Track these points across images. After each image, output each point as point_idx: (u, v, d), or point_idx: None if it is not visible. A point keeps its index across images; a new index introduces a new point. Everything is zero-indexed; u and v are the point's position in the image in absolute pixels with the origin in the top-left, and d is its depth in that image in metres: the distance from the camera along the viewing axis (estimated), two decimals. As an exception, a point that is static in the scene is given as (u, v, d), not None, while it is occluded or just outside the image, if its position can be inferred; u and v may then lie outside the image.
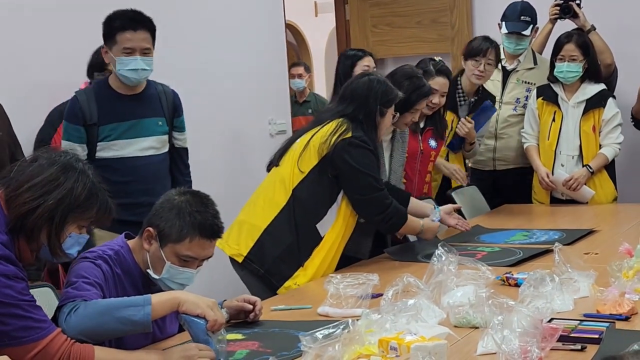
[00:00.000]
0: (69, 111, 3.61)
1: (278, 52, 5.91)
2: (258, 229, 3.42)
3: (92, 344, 2.26)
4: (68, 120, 3.60)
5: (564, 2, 5.24)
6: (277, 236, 3.40)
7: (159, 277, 2.47)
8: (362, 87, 3.53)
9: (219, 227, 2.50)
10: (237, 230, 3.50)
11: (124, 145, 3.64)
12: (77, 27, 4.28)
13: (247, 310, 2.67)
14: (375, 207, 3.48)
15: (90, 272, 2.40)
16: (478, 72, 4.68)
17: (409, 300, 2.38)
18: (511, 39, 5.02)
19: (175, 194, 2.54)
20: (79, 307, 2.23)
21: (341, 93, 3.65)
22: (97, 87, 3.67)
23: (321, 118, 3.61)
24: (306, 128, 3.63)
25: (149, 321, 2.24)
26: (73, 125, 3.59)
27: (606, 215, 4.60)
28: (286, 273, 3.38)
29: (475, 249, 3.70)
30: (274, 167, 3.55)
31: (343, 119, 3.46)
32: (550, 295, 2.55)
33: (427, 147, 4.39)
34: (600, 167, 4.78)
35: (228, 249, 3.47)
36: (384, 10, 6.64)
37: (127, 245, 2.54)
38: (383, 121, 3.56)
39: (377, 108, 3.51)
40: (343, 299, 2.73)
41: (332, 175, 3.42)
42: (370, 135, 3.48)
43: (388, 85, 3.58)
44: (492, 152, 5.12)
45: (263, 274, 3.38)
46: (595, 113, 4.78)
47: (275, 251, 3.39)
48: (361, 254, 3.78)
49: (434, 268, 2.71)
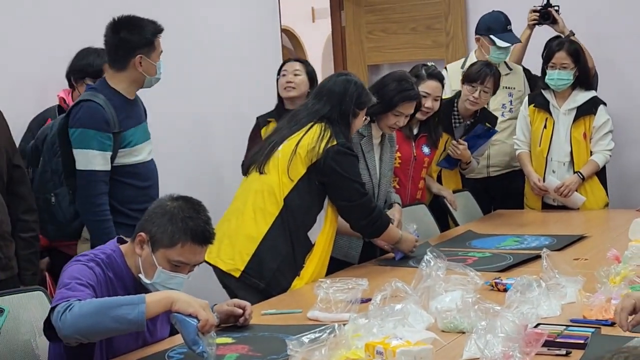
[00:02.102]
0: (96, 119, 3.39)
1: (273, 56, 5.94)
2: (253, 241, 3.39)
3: (86, 342, 2.30)
4: (97, 129, 3.39)
5: (542, 8, 5.31)
6: (273, 248, 3.38)
7: (151, 282, 2.50)
8: (340, 87, 3.54)
9: (210, 233, 2.53)
10: (228, 243, 3.43)
11: (141, 150, 3.60)
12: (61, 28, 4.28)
13: (237, 315, 2.70)
14: (362, 212, 3.51)
15: (84, 274, 2.44)
16: (472, 99, 4.66)
17: (397, 305, 2.41)
18: (503, 50, 5.05)
19: (167, 200, 2.57)
20: (74, 306, 2.26)
21: (318, 90, 3.65)
22: (106, 93, 3.48)
23: (299, 118, 3.55)
24: (285, 129, 3.55)
25: (144, 319, 2.27)
26: (104, 134, 3.40)
27: (597, 221, 4.63)
28: (285, 284, 3.37)
29: (467, 255, 3.74)
30: (257, 174, 3.48)
31: (325, 124, 3.46)
32: (536, 300, 2.58)
33: (421, 154, 4.42)
34: (591, 174, 4.83)
35: (223, 265, 3.41)
36: (379, 16, 6.68)
37: (120, 249, 2.57)
38: (354, 122, 3.57)
39: (351, 109, 3.52)
40: (333, 304, 2.75)
41: (319, 182, 3.43)
42: (345, 136, 3.50)
43: (364, 89, 3.62)
44: (486, 160, 5.15)
45: (264, 288, 3.35)
46: (586, 120, 4.82)
47: (274, 263, 3.37)
48: (351, 257, 3.82)
49: (423, 273, 2.74)
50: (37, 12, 4.21)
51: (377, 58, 6.73)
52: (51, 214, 3.58)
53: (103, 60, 3.81)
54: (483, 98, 4.68)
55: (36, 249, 3.52)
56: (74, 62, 3.99)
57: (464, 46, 6.39)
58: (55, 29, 4.24)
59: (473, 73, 4.65)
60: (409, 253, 3.72)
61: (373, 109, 3.75)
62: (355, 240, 3.85)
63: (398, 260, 3.71)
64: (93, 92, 3.48)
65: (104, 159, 3.43)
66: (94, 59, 3.94)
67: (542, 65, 4.94)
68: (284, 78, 4.68)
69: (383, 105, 3.82)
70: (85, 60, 3.94)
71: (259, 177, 3.49)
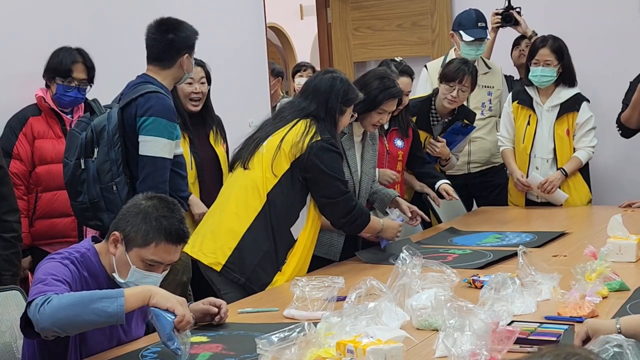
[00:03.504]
0: (168, 109, 3.57)
1: (259, 53, 5.95)
2: (235, 236, 3.40)
3: (64, 335, 2.30)
4: (169, 119, 3.56)
5: (504, 10, 5.40)
6: (255, 243, 3.40)
7: (125, 281, 2.50)
8: (325, 84, 3.54)
9: (184, 232, 2.53)
10: (210, 237, 3.46)
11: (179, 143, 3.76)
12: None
13: (212, 313, 2.70)
14: (341, 210, 3.52)
15: (59, 270, 2.44)
16: (450, 97, 4.66)
17: (370, 304, 2.42)
18: (472, 46, 5.08)
19: (142, 199, 2.57)
20: (52, 299, 2.26)
21: (304, 88, 3.65)
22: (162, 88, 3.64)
23: (284, 115, 3.57)
24: (270, 126, 3.57)
25: (123, 312, 2.27)
26: (173, 124, 3.59)
27: (579, 218, 4.64)
28: (266, 279, 3.38)
29: (447, 252, 3.75)
30: (242, 169, 3.50)
31: (310, 120, 3.47)
32: (510, 298, 2.59)
33: (394, 148, 4.43)
34: (574, 171, 4.83)
35: (205, 258, 3.43)
36: (365, 13, 6.69)
37: (94, 248, 2.57)
38: (341, 119, 3.58)
39: (338, 106, 3.52)
40: (309, 302, 2.76)
41: (302, 178, 3.44)
42: (332, 133, 3.50)
43: (350, 85, 3.61)
44: (467, 156, 5.17)
45: (244, 282, 3.37)
46: (569, 117, 4.83)
47: (255, 258, 3.38)
48: (332, 254, 3.82)
49: (399, 271, 2.75)
50: (15, 10, 4.21)
51: (364, 55, 6.74)
52: (109, 203, 3.60)
53: (74, 59, 3.94)
54: (461, 96, 4.69)
55: (17, 249, 3.52)
56: (48, 62, 4.03)
57: (449, 43, 6.38)
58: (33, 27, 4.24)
59: (451, 72, 4.65)
60: (394, 239, 3.75)
61: (356, 108, 3.76)
62: (336, 238, 3.86)
63: (384, 247, 3.75)
64: (149, 84, 3.62)
65: (171, 148, 3.60)
66: (64, 58, 3.99)
67: (525, 62, 4.95)
68: (189, 87, 4.23)
69: (367, 103, 3.83)
70: (56, 60, 4.01)
71: (243, 172, 3.50)
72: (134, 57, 4.48)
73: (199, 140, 4.24)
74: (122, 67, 4.39)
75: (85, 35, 4.40)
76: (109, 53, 4.55)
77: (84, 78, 4.04)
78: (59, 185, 3.94)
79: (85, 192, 3.61)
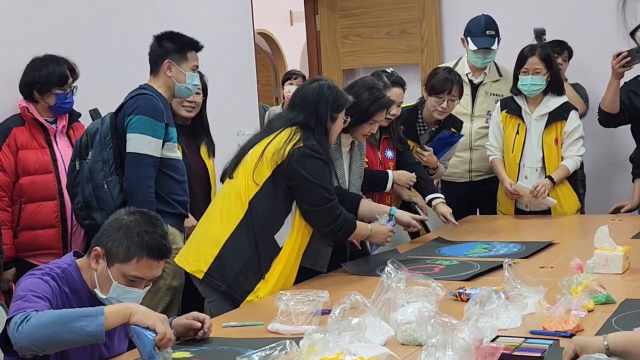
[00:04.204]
0: (154, 108, 3.71)
1: (247, 62, 5.93)
2: (217, 244, 3.41)
3: (42, 355, 2.27)
4: (155, 118, 3.70)
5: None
6: (236, 250, 3.39)
7: (106, 297, 2.49)
8: (313, 93, 3.52)
9: (167, 247, 2.52)
10: (195, 246, 3.49)
11: (177, 148, 3.90)
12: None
13: (196, 328, 2.68)
14: (325, 218, 3.49)
15: (39, 286, 2.42)
16: (441, 109, 4.64)
17: (354, 319, 2.40)
18: (479, 54, 5.07)
19: (124, 214, 2.55)
20: (31, 317, 2.24)
21: (292, 99, 3.64)
22: (155, 94, 3.80)
23: (273, 126, 3.57)
24: (258, 136, 3.59)
25: (102, 331, 2.26)
26: (160, 122, 3.72)
27: (568, 227, 4.63)
28: (248, 287, 3.37)
29: (434, 263, 3.73)
30: (228, 179, 3.53)
31: (296, 128, 3.45)
32: (495, 313, 2.57)
33: (385, 159, 4.42)
34: (562, 179, 4.82)
35: (188, 266, 3.45)
36: (354, 21, 6.68)
37: (76, 263, 2.56)
38: (334, 126, 3.56)
39: (328, 114, 3.50)
40: (293, 316, 2.74)
41: (285, 185, 3.41)
42: (322, 142, 3.48)
43: (339, 91, 3.59)
44: (467, 164, 5.16)
45: (225, 290, 3.37)
46: (558, 125, 4.82)
47: (236, 266, 3.38)
48: (319, 266, 3.80)
49: (383, 284, 2.73)
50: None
51: (353, 62, 6.73)
52: (101, 201, 3.70)
53: (65, 66, 3.97)
54: (451, 106, 4.68)
55: None
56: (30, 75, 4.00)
57: (438, 51, 6.40)
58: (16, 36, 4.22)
59: (438, 84, 4.62)
60: (384, 244, 3.74)
61: None
62: (323, 249, 3.84)
63: (374, 253, 3.73)
64: (143, 89, 3.80)
65: (157, 146, 3.72)
66: (55, 68, 3.99)
67: (514, 70, 4.94)
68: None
69: (359, 115, 3.82)
70: (45, 71, 3.99)
71: (229, 182, 3.53)
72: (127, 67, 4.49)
73: (190, 152, 4.24)
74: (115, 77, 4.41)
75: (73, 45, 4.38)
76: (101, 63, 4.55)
77: (71, 82, 4.06)
78: (43, 196, 3.93)
79: (80, 192, 3.73)
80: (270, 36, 10.20)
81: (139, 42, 4.17)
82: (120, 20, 4.84)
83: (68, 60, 4.06)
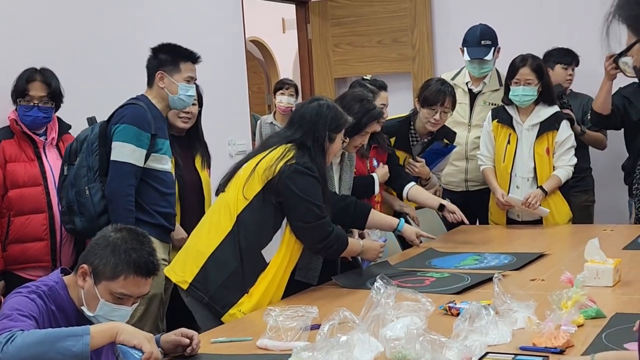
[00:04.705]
0: (140, 118, 3.74)
1: (238, 71, 5.92)
2: (203, 255, 3.40)
3: None
4: (140, 127, 3.73)
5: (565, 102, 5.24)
6: (221, 262, 3.38)
7: (93, 315, 2.47)
8: (311, 113, 3.51)
9: (154, 264, 2.50)
10: (183, 257, 3.50)
11: (167, 160, 3.91)
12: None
13: (184, 344, 2.66)
14: (316, 235, 3.47)
15: (25, 305, 2.40)
16: (434, 121, 4.65)
17: (342, 337, 2.38)
18: (474, 64, 5.09)
19: (111, 231, 2.54)
20: (17, 337, 2.22)
21: (290, 118, 3.64)
22: (146, 104, 3.84)
23: (269, 143, 3.57)
24: (254, 152, 3.61)
25: (88, 351, 2.24)
26: (145, 133, 3.75)
27: (559, 237, 4.63)
28: (230, 300, 3.34)
29: (425, 275, 3.72)
30: (221, 193, 3.53)
31: (291, 145, 3.44)
32: (485, 329, 2.56)
33: (373, 168, 4.43)
34: (554, 189, 4.82)
35: (174, 276, 3.46)
36: (345, 29, 6.68)
37: (63, 281, 2.54)
38: (332, 147, 3.55)
39: (326, 134, 3.49)
40: (282, 332, 2.72)
41: (275, 201, 3.40)
42: (317, 161, 3.46)
43: (338, 111, 3.57)
44: (463, 174, 5.16)
45: (207, 302, 3.35)
46: (549, 135, 4.82)
47: (220, 278, 3.36)
48: (311, 278, 3.79)
49: (373, 300, 2.72)
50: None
51: (344, 71, 6.74)
52: (82, 206, 3.73)
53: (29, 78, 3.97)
54: (444, 118, 4.68)
55: None
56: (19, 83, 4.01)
57: (430, 59, 6.40)
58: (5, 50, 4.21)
59: (431, 96, 4.62)
60: (375, 260, 3.74)
61: None
62: (314, 261, 3.82)
63: (366, 267, 3.76)
64: (135, 100, 3.85)
65: (140, 155, 3.74)
66: (20, 77, 3.99)
67: (505, 80, 4.94)
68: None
69: (351, 128, 3.81)
70: (16, 81, 4.01)
71: (221, 195, 3.53)
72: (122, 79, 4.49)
73: (185, 163, 4.24)
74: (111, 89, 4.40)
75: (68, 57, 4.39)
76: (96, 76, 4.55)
77: (43, 96, 3.98)
78: (32, 209, 3.92)
79: (65, 196, 3.77)
80: (263, 43, 10.18)
81: (132, 52, 4.17)
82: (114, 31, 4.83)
83: (46, 75, 4.01)
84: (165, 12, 5.29)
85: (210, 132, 5.38)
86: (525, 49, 5.06)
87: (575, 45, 5.59)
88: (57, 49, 4.42)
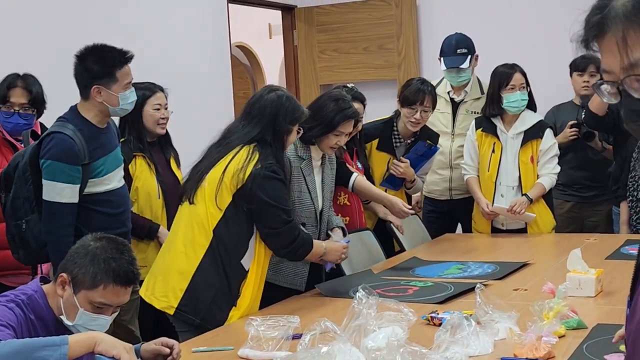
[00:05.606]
0: (66, 152, 3.44)
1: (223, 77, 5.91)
2: (185, 276, 3.32)
3: None
4: (67, 162, 3.44)
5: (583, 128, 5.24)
6: (206, 281, 3.32)
7: (73, 324, 2.45)
8: (271, 105, 3.43)
9: (134, 274, 2.48)
10: (161, 280, 3.39)
11: (112, 178, 3.64)
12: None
13: (164, 354, 2.64)
14: (283, 240, 3.43)
15: (3, 314, 2.38)
16: (414, 120, 4.64)
17: (323, 348, 2.37)
18: (452, 73, 5.08)
19: (90, 240, 2.52)
20: None
21: (248, 110, 3.48)
22: (76, 123, 3.52)
23: (229, 140, 3.44)
24: (214, 154, 3.44)
25: None
26: (73, 167, 3.46)
27: (543, 246, 4.64)
28: (221, 316, 3.30)
29: (408, 284, 3.71)
30: (187, 204, 3.40)
31: (254, 146, 3.36)
32: (466, 340, 2.55)
33: (358, 169, 4.45)
34: (538, 197, 4.83)
35: (157, 303, 3.36)
36: (331, 36, 6.69)
37: (42, 290, 2.51)
38: (289, 139, 3.50)
39: (286, 127, 3.44)
40: (264, 341, 2.71)
41: (246, 208, 3.35)
42: (278, 157, 3.41)
43: (296, 102, 3.52)
44: (447, 182, 5.16)
45: (199, 324, 3.29)
46: (534, 144, 4.83)
47: (208, 297, 3.30)
48: (297, 284, 3.78)
49: (355, 310, 2.70)
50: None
51: (330, 77, 6.74)
52: (23, 240, 3.58)
53: (10, 84, 3.91)
54: (424, 117, 4.67)
55: None
56: None
57: (415, 66, 6.41)
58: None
59: (411, 95, 4.62)
60: (338, 261, 3.72)
61: (314, 132, 3.76)
62: (300, 268, 3.81)
63: (329, 270, 3.74)
64: (63, 123, 3.51)
65: (72, 192, 3.48)
66: (2, 83, 3.95)
67: (494, 91, 4.88)
68: (157, 113, 4.22)
69: (324, 126, 3.79)
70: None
71: (189, 207, 3.41)
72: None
73: (162, 167, 4.22)
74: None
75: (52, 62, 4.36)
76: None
77: (24, 103, 3.94)
78: (10, 215, 3.86)
79: (7, 226, 3.61)
80: (249, 49, 10.16)
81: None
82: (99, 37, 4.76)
83: (28, 81, 3.96)
84: (150, 18, 5.28)
85: (194, 137, 5.35)
86: (511, 57, 5.07)
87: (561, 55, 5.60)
88: (41, 54, 4.40)
